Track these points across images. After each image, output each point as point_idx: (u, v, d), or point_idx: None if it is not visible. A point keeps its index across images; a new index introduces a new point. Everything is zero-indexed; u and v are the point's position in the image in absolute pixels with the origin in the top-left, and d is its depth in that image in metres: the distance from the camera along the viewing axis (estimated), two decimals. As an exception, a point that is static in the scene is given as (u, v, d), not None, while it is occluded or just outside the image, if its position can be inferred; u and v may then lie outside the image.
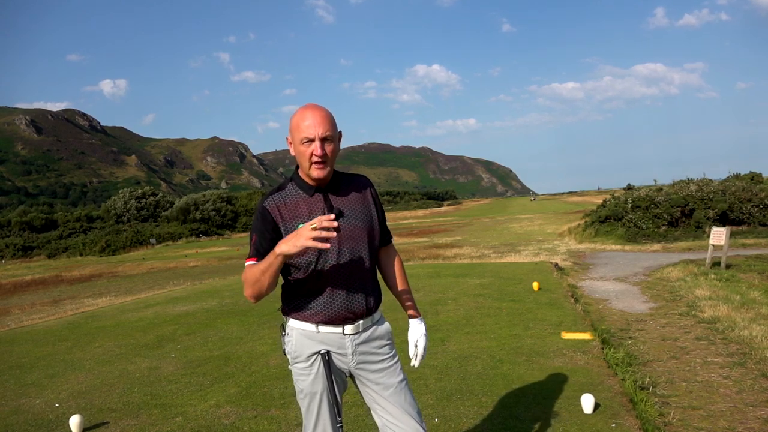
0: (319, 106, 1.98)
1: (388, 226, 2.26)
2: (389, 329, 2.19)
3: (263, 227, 2.00)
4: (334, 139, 1.98)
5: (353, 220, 2.05)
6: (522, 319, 6.25)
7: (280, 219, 2.00)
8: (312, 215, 1.99)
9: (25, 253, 47.15)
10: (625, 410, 3.50)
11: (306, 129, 1.93)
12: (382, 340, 2.14)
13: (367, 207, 2.11)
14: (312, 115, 1.94)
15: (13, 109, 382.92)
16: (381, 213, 2.18)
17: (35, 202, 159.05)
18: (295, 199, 2.03)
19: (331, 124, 1.96)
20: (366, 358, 2.09)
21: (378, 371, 2.10)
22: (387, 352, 2.13)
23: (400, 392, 2.09)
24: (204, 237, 50.57)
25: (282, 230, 2.00)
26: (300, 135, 1.94)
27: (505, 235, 25.32)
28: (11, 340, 7.36)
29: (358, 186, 2.13)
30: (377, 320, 2.15)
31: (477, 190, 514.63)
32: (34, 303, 14.27)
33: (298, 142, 1.96)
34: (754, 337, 5.24)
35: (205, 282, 13.81)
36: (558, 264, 12.08)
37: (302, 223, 1.98)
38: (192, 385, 4.59)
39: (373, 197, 2.15)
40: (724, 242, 10.26)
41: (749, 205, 17.90)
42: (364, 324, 2.08)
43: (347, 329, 2.05)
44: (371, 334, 2.11)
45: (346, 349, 2.06)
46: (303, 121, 1.94)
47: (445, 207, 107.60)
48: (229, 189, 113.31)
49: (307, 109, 1.97)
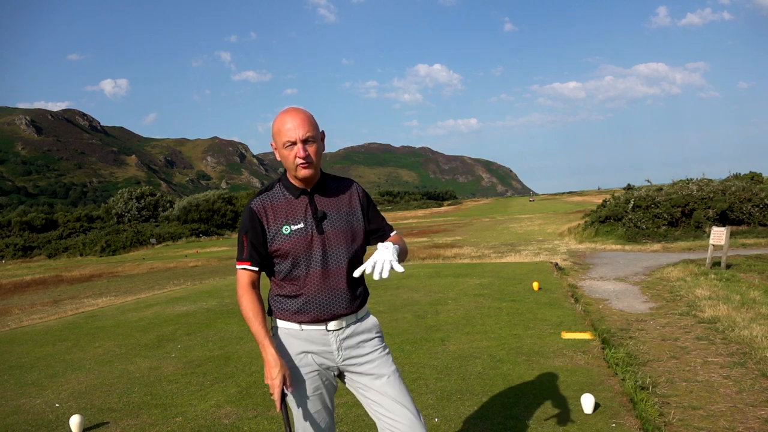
0: (298, 108, 2.03)
1: (388, 222, 2.25)
2: (376, 322, 2.19)
3: (252, 228, 2.04)
4: (316, 140, 2.01)
5: (337, 222, 2.07)
6: (522, 319, 6.25)
7: (266, 220, 2.04)
8: (297, 217, 2.04)
9: (25, 253, 47.14)
10: (625, 410, 3.50)
11: (287, 132, 1.97)
12: (369, 333, 2.14)
13: (353, 210, 2.13)
14: (292, 118, 1.98)
15: (13, 109, 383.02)
16: (375, 215, 2.19)
17: (35, 202, 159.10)
18: (281, 200, 2.07)
19: (311, 126, 2.00)
20: (352, 353, 2.09)
21: (367, 363, 2.09)
22: (376, 344, 2.13)
23: (392, 383, 2.08)
24: (204, 237, 50.55)
25: (267, 231, 2.04)
26: (282, 139, 1.99)
27: (505, 235, 25.31)
28: (11, 340, 7.36)
29: (344, 189, 2.15)
30: (362, 317, 2.15)
31: (477, 190, 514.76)
32: (34, 303, 14.26)
33: (282, 146, 2.00)
34: (754, 337, 5.24)
35: (205, 282, 13.81)
36: (558, 264, 12.08)
37: (287, 225, 2.03)
38: (192, 385, 4.59)
39: (360, 199, 2.16)
40: (724, 242, 10.25)
41: (749, 205, 17.90)
42: (348, 320, 2.09)
43: (330, 325, 2.06)
44: (356, 328, 2.11)
45: (331, 345, 2.07)
46: (284, 125, 1.98)
47: (445, 207, 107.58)
48: (229, 189, 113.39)
49: (287, 113, 2.01)
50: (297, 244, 2.02)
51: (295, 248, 2.02)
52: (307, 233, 2.03)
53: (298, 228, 2.03)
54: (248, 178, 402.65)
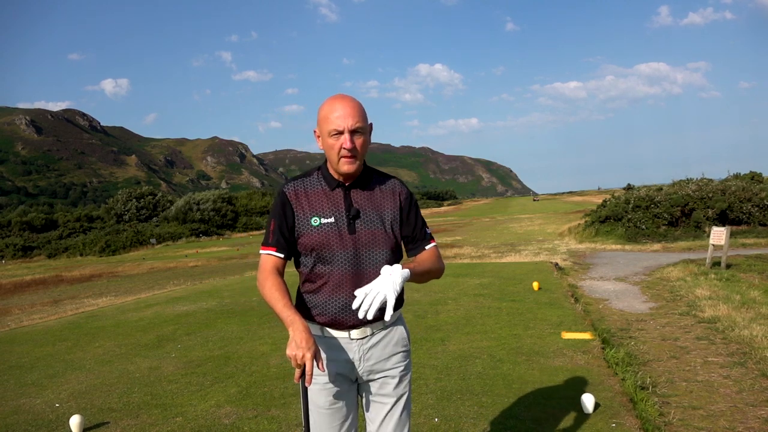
0: (349, 96, 1.88)
1: (429, 232, 2.05)
2: (404, 335, 2.00)
3: (282, 212, 1.91)
4: (364, 132, 1.87)
5: (372, 223, 1.91)
6: (522, 319, 6.25)
7: (298, 206, 1.91)
8: (329, 210, 1.90)
9: (25, 253, 47.12)
10: (625, 410, 3.50)
11: (335, 121, 1.83)
12: (396, 346, 1.97)
13: (393, 211, 1.96)
14: (342, 106, 1.84)
15: (13, 109, 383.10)
16: (415, 219, 2.01)
17: (35, 202, 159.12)
18: (317, 189, 1.93)
19: (361, 116, 1.85)
20: (374, 367, 1.94)
21: (381, 379, 1.97)
22: (398, 361, 1.98)
23: (396, 410, 1.97)
24: (204, 237, 50.57)
25: (296, 219, 1.91)
26: (329, 127, 1.84)
27: (505, 234, 25.31)
28: (11, 340, 7.35)
29: (386, 187, 1.99)
30: (389, 324, 1.96)
31: (477, 190, 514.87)
32: (34, 303, 14.26)
33: (327, 134, 1.85)
34: (754, 336, 5.24)
35: (205, 282, 13.81)
36: (558, 264, 12.08)
37: (317, 217, 1.89)
38: (192, 385, 4.59)
39: (402, 201, 1.99)
40: (724, 242, 10.25)
41: (749, 205, 17.90)
42: (372, 328, 1.93)
43: (353, 333, 1.91)
44: (383, 338, 1.95)
45: (353, 354, 1.92)
46: (332, 112, 1.83)
47: (445, 207, 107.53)
48: (229, 189, 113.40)
49: (336, 99, 1.86)
50: (324, 239, 1.87)
51: (321, 243, 1.87)
52: (336, 229, 1.88)
53: (328, 222, 1.88)
54: (248, 178, 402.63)
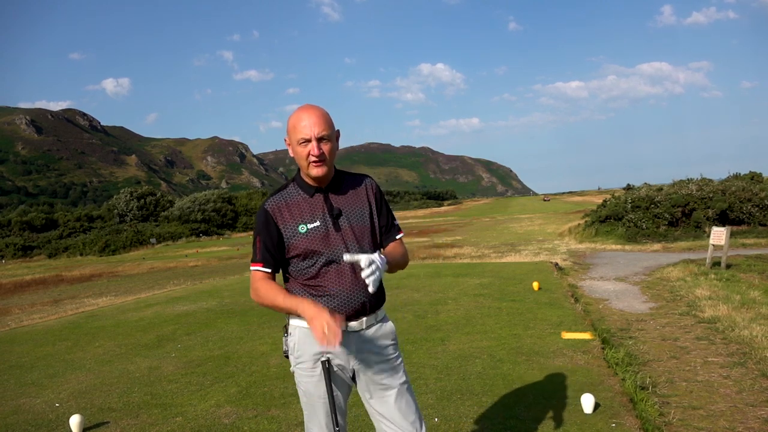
0: (314, 106, 2.01)
1: (397, 224, 2.22)
2: (393, 328, 2.16)
3: (266, 229, 2.03)
4: (331, 138, 2.00)
5: (353, 219, 2.06)
6: (522, 319, 6.25)
7: (281, 220, 2.03)
8: (313, 215, 2.03)
9: (25, 252, 47.12)
10: (625, 410, 3.50)
11: (302, 129, 1.96)
12: (386, 339, 2.12)
13: (369, 204, 2.11)
14: (308, 115, 1.97)
15: (14, 108, 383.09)
16: (386, 211, 2.17)
17: (35, 202, 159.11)
18: (296, 199, 2.05)
19: (327, 124, 1.98)
20: (368, 357, 2.07)
21: (379, 372, 2.08)
22: (390, 352, 2.12)
23: (401, 395, 2.08)
24: (204, 237, 50.56)
25: (282, 231, 2.02)
26: (297, 136, 1.98)
27: (506, 234, 25.31)
28: (11, 340, 7.36)
29: (358, 185, 2.14)
30: (381, 318, 2.13)
31: (477, 190, 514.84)
32: (34, 303, 14.26)
33: (296, 143, 1.99)
34: (754, 337, 5.24)
35: (205, 282, 13.81)
36: (558, 264, 12.08)
37: (303, 224, 2.01)
38: (192, 385, 4.59)
39: (374, 195, 2.14)
40: (724, 242, 10.25)
41: (749, 205, 17.90)
42: (367, 321, 2.07)
43: (348, 326, 2.03)
44: (375, 332, 2.09)
45: (349, 346, 2.04)
46: (299, 122, 1.97)
47: (446, 207, 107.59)
48: (229, 189, 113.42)
49: (302, 110, 2.00)
50: (314, 243, 2.00)
51: (312, 246, 2.00)
52: (323, 231, 2.01)
53: (315, 226, 2.01)
54: (248, 178, 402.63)
